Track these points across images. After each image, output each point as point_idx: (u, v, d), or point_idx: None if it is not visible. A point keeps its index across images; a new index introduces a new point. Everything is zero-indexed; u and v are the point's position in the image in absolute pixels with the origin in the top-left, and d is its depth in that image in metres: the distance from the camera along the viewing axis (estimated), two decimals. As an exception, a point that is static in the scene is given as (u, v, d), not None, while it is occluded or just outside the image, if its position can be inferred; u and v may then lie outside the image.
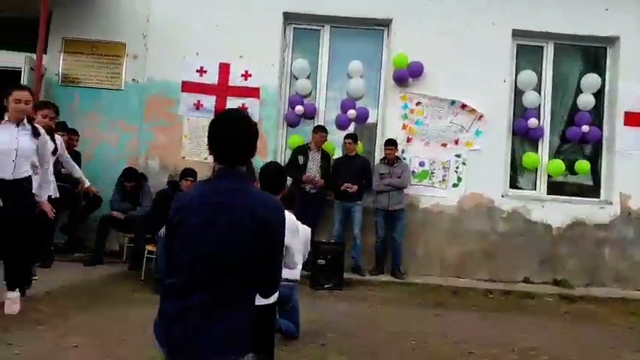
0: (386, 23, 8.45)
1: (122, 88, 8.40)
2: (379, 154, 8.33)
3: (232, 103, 8.14)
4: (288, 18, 8.45)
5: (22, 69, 7.69)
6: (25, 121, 4.86)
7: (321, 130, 7.97)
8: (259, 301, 2.27)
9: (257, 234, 2.09)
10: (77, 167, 6.31)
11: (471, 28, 8.21)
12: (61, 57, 8.35)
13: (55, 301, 5.42)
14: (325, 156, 7.97)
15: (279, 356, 4.32)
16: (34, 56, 7.34)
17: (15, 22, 8.36)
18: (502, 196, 8.27)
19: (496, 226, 8.21)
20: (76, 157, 7.45)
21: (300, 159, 7.83)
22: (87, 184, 6.87)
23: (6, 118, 4.79)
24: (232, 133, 2.19)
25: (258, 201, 2.15)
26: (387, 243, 7.89)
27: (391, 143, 7.88)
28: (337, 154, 8.38)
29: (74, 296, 5.83)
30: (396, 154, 7.91)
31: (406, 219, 7.90)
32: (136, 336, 4.59)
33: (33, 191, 5.03)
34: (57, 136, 5.76)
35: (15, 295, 4.96)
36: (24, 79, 7.66)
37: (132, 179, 7.57)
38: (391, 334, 5.40)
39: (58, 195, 5.82)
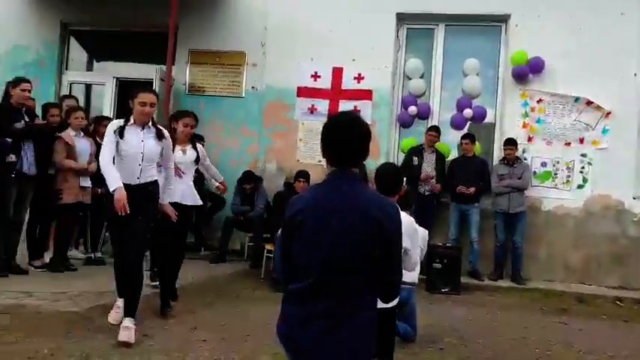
0: (503, 19, 8.18)
1: (242, 95, 8.80)
2: (498, 154, 8.08)
3: (345, 106, 8.23)
4: (402, 19, 8.42)
5: (154, 80, 8.27)
6: (150, 123, 4.68)
7: (432, 129, 7.87)
8: (379, 304, 2.24)
9: (372, 236, 2.06)
10: (217, 172, 6.34)
11: (596, 19, 7.73)
12: (188, 67, 8.90)
13: (184, 297, 5.76)
14: (440, 157, 7.86)
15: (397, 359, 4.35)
16: (164, 67, 7.87)
17: (146, 37, 9.04)
18: (633, 198, 7.71)
19: (626, 229, 7.68)
20: (203, 162, 7.94)
21: (415, 160, 7.77)
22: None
23: (132, 120, 4.62)
24: (345, 135, 2.18)
25: (372, 203, 2.12)
26: (507, 247, 7.63)
27: (511, 143, 7.61)
28: (453, 155, 8.23)
29: (201, 293, 6.19)
30: (516, 154, 7.64)
31: (527, 221, 7.60)
32: (258, 333, 4.80)
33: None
34: (198, 145, 5.64)
35: (130, 322, 4.50)
36: (155, 89, 8.24)
37: (250, 181, 7.92)
38: (512, 340, 5.23)
39: (200, 203, 5.65)
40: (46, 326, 4.56)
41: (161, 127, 4.82)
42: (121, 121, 4.64)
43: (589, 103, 7.74)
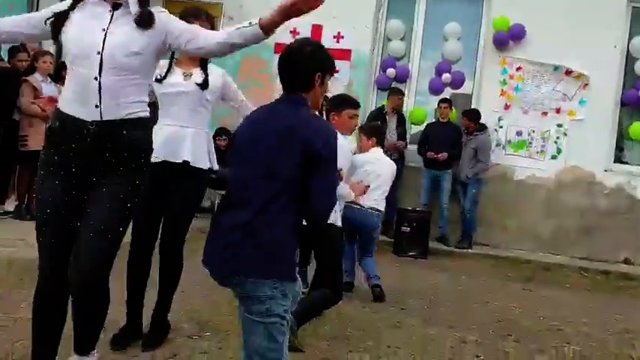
0: (487, -17, 8.03)
1: (217, 49, 8.54)
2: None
3: (324, 65, 8.08)
4: (385, -22, 8.23)
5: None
6: None
7: (397, 93, 7.74)
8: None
9: (294, 156, 2.06)
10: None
11: (581, -12, 7.63)
12: (162, 17, 8.58)
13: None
14: (401, 121, 7.73)
15: (358, 317, 4.34)
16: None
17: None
18: (605, 171, 7.74)
19: (597, 202, 7.71)
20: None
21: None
22: None
23: None
24: (286, 59, 2.24)
25: (303, 123, 2.13)
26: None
27: (465, 114, 7.61)
28: (429, 120, 8.15)
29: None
30: (474, 124, 7.55)
31: (477, 189, 7.58)
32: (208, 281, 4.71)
33: None
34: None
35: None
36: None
37: (224, 135, 7.74)
38: (474, 305, 5.24)
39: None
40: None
41: None
42: None
43: (568, 72, 7.68)
